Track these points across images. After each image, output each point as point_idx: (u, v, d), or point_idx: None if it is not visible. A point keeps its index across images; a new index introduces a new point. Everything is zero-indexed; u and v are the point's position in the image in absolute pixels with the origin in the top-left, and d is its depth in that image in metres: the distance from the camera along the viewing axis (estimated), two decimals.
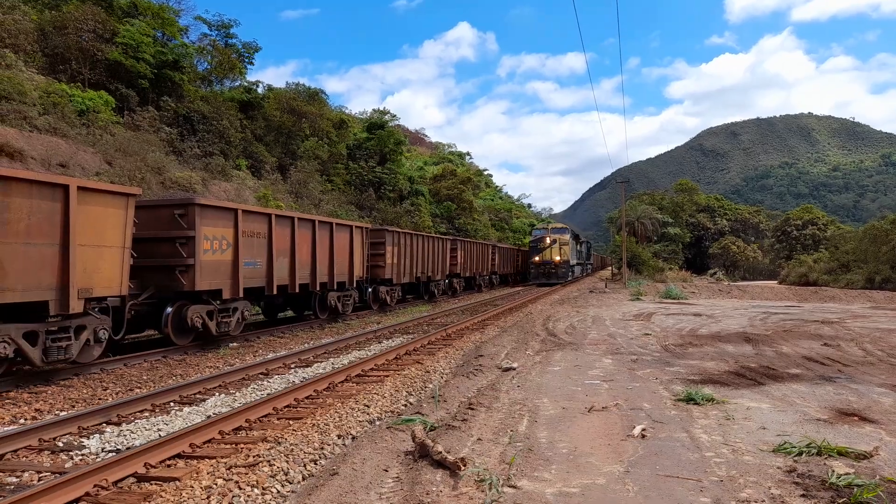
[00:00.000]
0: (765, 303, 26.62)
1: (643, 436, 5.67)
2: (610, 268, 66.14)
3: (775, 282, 54.74)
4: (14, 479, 5.03)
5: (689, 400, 7.03)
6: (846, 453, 5.07)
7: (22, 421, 6.94)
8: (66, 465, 5.37)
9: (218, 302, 12.35)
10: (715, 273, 63.94)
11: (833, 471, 4.63)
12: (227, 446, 5.76)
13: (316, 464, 5.21)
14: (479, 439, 5.68)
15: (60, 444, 5.95)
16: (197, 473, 4.96)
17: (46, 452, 5.75)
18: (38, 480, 4.97)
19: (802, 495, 4.24)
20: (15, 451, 5.71)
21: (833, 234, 65.86)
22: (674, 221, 73.04)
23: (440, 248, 27.48)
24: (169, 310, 11.47)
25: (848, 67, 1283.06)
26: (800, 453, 5.09)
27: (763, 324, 16.29)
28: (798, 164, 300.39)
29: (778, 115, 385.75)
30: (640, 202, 77.60)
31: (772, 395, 7.49)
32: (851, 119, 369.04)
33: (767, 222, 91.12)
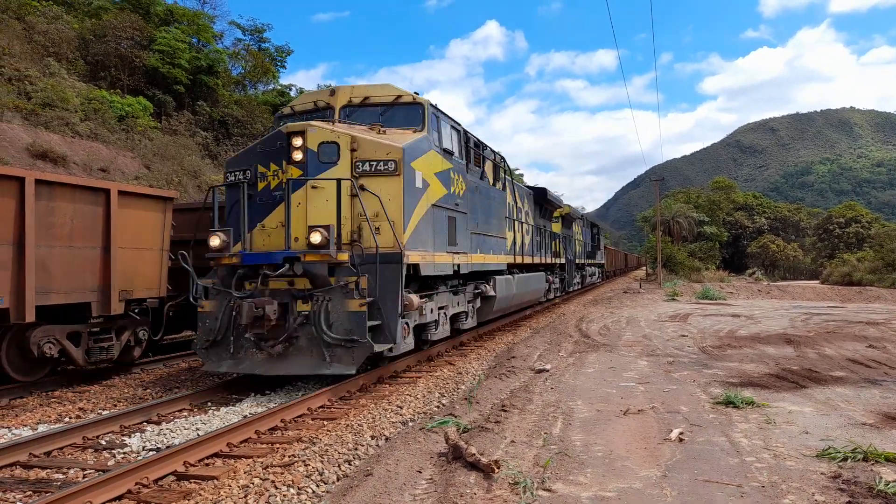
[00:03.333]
0: (806, 303, 25.91)
1: (681, 439, 5.56)
2: (644, 268, 65.16)
3: (817, 281, 53.34)
4: (60, 476, 5.18)
5: (728, 403, 6.86)
6: (894, 459, 4.89)
7: (67, 419, 7.15)
8: (109, 463, 5.51)
9: None
10: (754, 273, 62.59)
11: (881, 477, 4.46)
12: (264, 446, 5.84)
13: (350, 464, 5.24)
14: (512, 441, 5.64)
15: (103, 443, 6.11)
16: (234, 472, 5.04)
17: (90, 450, 5.91)
18: (83, 477, 5.10)
19: (848, 502, 4.10)
20: (61, 448, 5.89)
21: (878, 232, 63.98)
22: (710, 220, 71.63)
23: None
24: None
25: (891, 59, 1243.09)
26: (845, 459, 4.92)
27: (805, 325, 15.84)
28: (840, 160, 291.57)
29: (818, 110, 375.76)
30: (675, 201, 76.29)
31: (814, 398, 7.27)
32: None
33: (808, 220, 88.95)
